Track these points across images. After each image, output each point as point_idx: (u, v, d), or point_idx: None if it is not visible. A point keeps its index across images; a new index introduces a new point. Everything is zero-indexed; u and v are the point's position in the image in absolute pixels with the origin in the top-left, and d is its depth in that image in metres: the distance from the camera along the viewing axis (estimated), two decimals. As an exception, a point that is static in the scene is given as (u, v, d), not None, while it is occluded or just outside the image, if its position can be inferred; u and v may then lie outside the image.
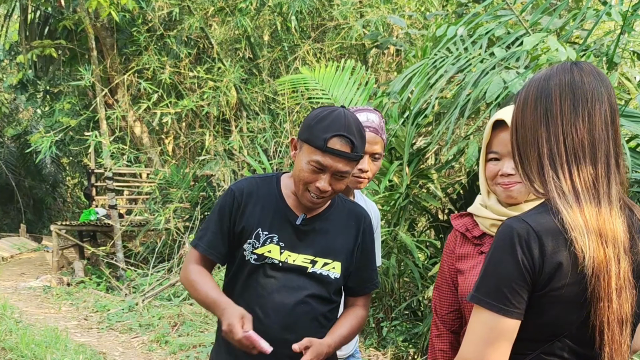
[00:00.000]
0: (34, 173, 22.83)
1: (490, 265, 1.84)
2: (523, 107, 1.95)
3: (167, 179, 12.09)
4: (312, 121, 2.61)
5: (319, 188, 2.60)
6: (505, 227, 1.84)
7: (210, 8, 11.91)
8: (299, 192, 2.66)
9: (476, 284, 1.86)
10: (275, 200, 2.74)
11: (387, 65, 11.59)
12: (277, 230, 2.70)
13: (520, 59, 5.17)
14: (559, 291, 1.79)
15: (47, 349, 7.05)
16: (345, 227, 2.81)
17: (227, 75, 11.37)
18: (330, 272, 2.74)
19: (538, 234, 1.79)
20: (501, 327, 1.80)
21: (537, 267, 1.79)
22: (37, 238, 19.69)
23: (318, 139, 2.56)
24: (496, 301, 1.80)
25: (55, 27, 13.83)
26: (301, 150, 2.64)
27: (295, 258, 2.69)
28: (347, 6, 10.74)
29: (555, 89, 1.90)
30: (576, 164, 1.86)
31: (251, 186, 2.76)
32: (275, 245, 2.68)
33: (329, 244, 2.75)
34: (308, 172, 2.60)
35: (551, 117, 1.89)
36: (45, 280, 12.11)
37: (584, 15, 5.06)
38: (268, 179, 2.81)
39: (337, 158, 2.57)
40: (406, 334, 6.91)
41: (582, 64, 1.95)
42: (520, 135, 1.95)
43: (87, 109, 13.31)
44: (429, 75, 5.57)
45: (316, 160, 2.57)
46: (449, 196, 7.19)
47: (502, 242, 1.82)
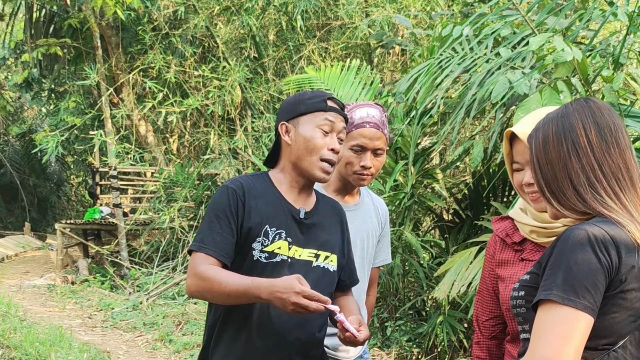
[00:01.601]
0: (38, 171, 22.85)
1: (565, 263, 1.81)
2: (544, 145, 1.99)
3: (172, 178, 12.09)
4: (298, 98, 2.74)
5: (333, 149, 2.66)
6: (577, 230, 1.84)
7: (215, 7, 11.91)
8: (311, 166, 2.66)
9: (548, 284, 1.83)
10: (273, 194, 2.71)
11: (392, 65, 11.58)
12: (284, 225, 2.67)
13: (526, 59, 5.16)
14: (629, 294, 1.82)
15: (51, 348, 7.06)
16: (333, 220, 2.84)
17: (232, 75, 11.37)
18: (330, 265, 2.74)
19: (613, 237, 1.82)
20: (579, 324, 1.78)
21: (614, 269, 1.81)
22: (41, 236, 19.71)
23: (317, 103, 2.69)
24: (577, 297, 1.78)
25: (61, 25, 13.85)
26: (299, 125, 2.69)
27: (302, 253, 2.68)
28: (353, 6, 10.73)
29: (578, 123, 1.96)
30: (619, 186, 1.92)
31: (247, 183, 2.69)
32: (284, 241, 2.65)
33: (327, 237, 2.76)
34: (318, 137, 2.65)
35: (580, 148, 1.93)
36: (50, 279, 12.13)
37: (590, 15, 5.04)
38: (259, 176, 2.78)
39: (338, 115, 2.70)
40: (410, 333, 6.90)
41: (594, 99, 2.02)
42: (548, 173, 1.98)
43: (92, 108, 13.32)
44: (435, 75, 5.56)
45: (324, 118, 2.67)
46: (454, 196, 7.18)
47: (577, 244, 1.82)
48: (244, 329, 2.64)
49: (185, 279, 9.01)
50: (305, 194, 2.76)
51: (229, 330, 2.67)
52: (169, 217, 11.21)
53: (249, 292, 2.43)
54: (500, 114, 5.26)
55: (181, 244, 11.23)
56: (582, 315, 1.77)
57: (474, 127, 7.65)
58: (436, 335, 6.41)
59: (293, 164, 2.70)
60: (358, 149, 3.09)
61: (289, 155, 2.70)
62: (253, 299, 2.45)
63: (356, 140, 3.08)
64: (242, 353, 2.64)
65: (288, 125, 2.71)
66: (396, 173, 6.17)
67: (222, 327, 2.69)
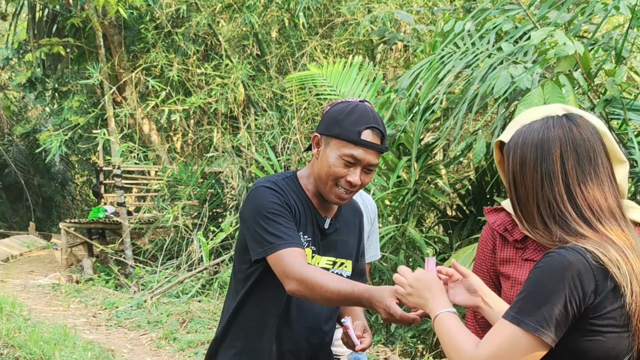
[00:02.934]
0: (43, 171, 22.87)
1: (535, 288, 1.82)
2: (521, 166, 1.96)
3: (176, 176, 12.10)
4: (339, 115, 2.57)
5: (350, 182, 2.57)
6: (557, 255, 1.83)
7: (217, 5, 11.90)
8: (327, 189, 2.60)
9: (514, 303, 1.85)
10: (305, 202, 2.68)
11: (394, 61, 11.56)
12: (311, 234, 2.66)
13: (528, 53, 5.16)
14: (614, 312, 1.80)
15: (55, 346, 7.06)
16: (352, 224, 2.83)
17: (235, 72, 11.36)
18: (344, 270, 2.75)
19: (591, 264, 1.79)
20: (526, 346, 1.80)
21: (589, 298, 1.79)
22: (46, 236, 19.72)
23: (351, 132, 2.53)
24: (532, 322, 1.79)
25: (63, 25, 13.84)
26: (328, 145, 2.58)
27: (320, 260, 2.68)
28: (355, 2, 10.71)
29: (556, 151, 1.91)
30: (595, 217, 1.88)
31: (281, 186, 2.64)
32: (309, 249, 2.64)
33: (345, 245, 2.77)
34: (340, 166, 2.55)
35: (554, 178, 1.90)
36: (54, 278, 12.14)
37: (592, 9, 5.03)
38: (289, 178, 2.71)
39: (369, 150, 2.55)
40: (414, 330, 6.90)
41: (574, 117, 1.97)
42: (521, 194, 1.96)
43: (95, 107, 13.33)
44: (437, 71, 5.55)
45: (349, 153, 2.53)
46: (457, 192, 7.18)
47: (552, 270, 1.80)
48: (260, 333, 2.66)
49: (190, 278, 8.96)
50: (327, 203, 2.72)
51: (244, 333, 2.69)
52: (173, 216, 11.22)
53: (350, 297, 2.39)
54: (502, 108, 5.26)
55: (185, 242, 11.23)
56: (531, 339, 1.79)
57: (476, 122, 7.64)
58: (440, 332, 6.40)
59: (315, 176, 2.65)
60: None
61: (314, 166, 2.66)
62: (356, 302, 2.43)
63: None
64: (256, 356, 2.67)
65: (320, 138, 2.63)
66: (399, 169, 6.17)
67: (238, 326, 2.70)
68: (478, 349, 1.86)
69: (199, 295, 9.81)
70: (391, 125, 6.23)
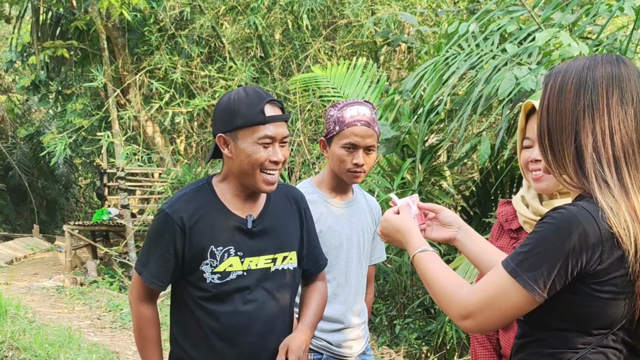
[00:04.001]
0: (46, 174, 22.92)
1: (539, 243, 1.77)
2: (559, 92, 1.86)
3: (179, 179, 12.09)
4: (231, 106, 2.54)
5: (275, 161, 2.53)
6: (567, 212, 1.77)
7: (221, 7, 11.93)
8: (254, 179, 2.55)
9: (515, 253, 1.81)
10: (217, 208, 2.62)
11: (398, 63, 11.57)
12: (230, 241, 2.59)
13: (532, 54, 5.15)
14: (617, 286, 1.76)
15: (60, 349, 7.06)
16: (290, 213, 2.76)
17: (239, 74, 11.37)
18: (290, 263, 2.70)
19: (600, 226, 1.74)
20: (519, 300, 1.78)
21: (594, 259, 1.74)
22: (50, 238, 19.77)
23: (254, 115, 2.50)
24: (529, 278, 1.76)
25: (67, 27, 13.87)
26: (237, 139, 2.52)
27: (257, 261, 2.62)
28: (359, 4, 10.72)
29: (602, 81, 1.82)
30: (625, 160, 1.80)
31: (186, 203, 2.61)
32: (235, 257, 2.58)
33: (282, 237, 2.69)
34: (260, 151, 2.50)
35: (596, 109, 1.81)
36: (59, 280, 12.15)
37: (596, 10, 5.03)
38: (200, 188, 2.67)
39: (278, 123, 2.53)
40: (419, 331, 6.89)
41: (625, 59, 1.88)
42: (554, 122, 1.86)
43: (99, 110, 13.33)
44: (441, 73, 5.56)
45: (263, 135, 2.50)
46: (462, 193, 7.17)
47: (560, 227, 1.75)
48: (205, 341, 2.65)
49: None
50: (252, 200, 2.67)
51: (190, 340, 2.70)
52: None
53: None
54: (507, 110, 5.25)
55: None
56: (524, 294, 1.77)
57: (480, 123, 7.64)
58: (445, 333, 6.40)
59: (236, 176, 2.60)
60: (350, 147, 3.09)
61: (231, 166, 2.60)
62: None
63: (348, 138, 3.08)
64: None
65: (226, 137, 2.56)
66: (404, 171, 6.16)
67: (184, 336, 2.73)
68: (469, 294, 1.85)
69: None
70: (395, 126, 6.23)
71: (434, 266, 1.98)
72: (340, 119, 3.09)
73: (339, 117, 3.09)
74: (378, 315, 7.15)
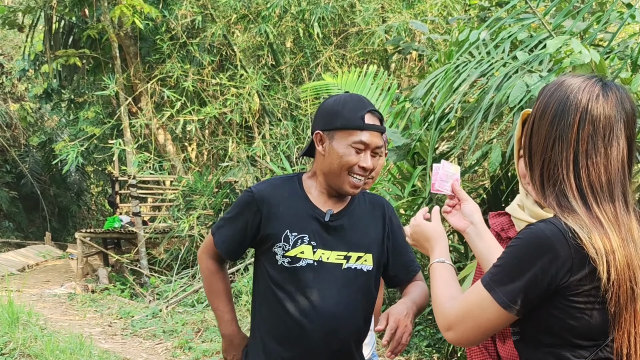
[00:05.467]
0: (58, 181, 23.01)
1: (511, 259, 1.81)
2: (540, 116, 1.90)
3: (191, 186, 12.13)
4: (336, 107, 2.65)
5: (364, 167, 2.63)
6: (535, 227, 1.81)
7: (232, 15, 11.96)
8: (341, 180, 2.65)
9: (493, 269, 1.84)
10: (300, 199, 2.72)
11: (409, 71, 11.57)
12: (306, 229, 2.68)
13: (543, 62, 5.14)
14: (595, 298, 1.77)
15: (71, 356, 7.08)
16: (372, 217, 2.81)
17: (250, 82, 11.40)
18: (364, 265, 2.73)
19: (567, 239, 1.75)
20: (493, 314, 1.81)
21: (563, 272, 1.75)
22: (62, 246, 19.82)
23: (354, 120, 2.61)
24: (502, 292, 1.79)
25: (79, 36, 13.94)
26: (333, 139, 2.63)
27: (329, 255, 2.68)
28: (370, 12, 10.73)
29: (576, 114, 1.83)
30: (593, 195, 1.82)
31: (273, 187, 2.74)
32: (307, 245, 2.66)
33: (359, 237, 2.74)
34: (351, 155, 2.61)
35: (565, 140, 1.83)
36: (70, 288, 12.19)
37: (608, 17, 5.02)
38: (290, 179, 2.80)
39: (374, 133, 2.63)
40: (430, 339, 6.88)
41: (613, 87, 1.88)
42: (534, 142, 1.90)
43: (111, 118, 13.40)
44: (452, 80, 5.55)
45: (358, 140, 2.60)
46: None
47: (529, 242, 1.79)
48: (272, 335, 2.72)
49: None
50: (336, 198, 2.75)
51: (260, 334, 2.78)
52: (188, 225, 11.24)
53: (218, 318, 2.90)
54: (517, 117, 5.24)
55: (200, 252, 11.23)
56: (498, 309, 1.79)
57: (491, 131, 7.62)
58: (456, 341, 6.38)
59: (324, 174, 2.69)
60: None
61: (321, 164, 2.70)
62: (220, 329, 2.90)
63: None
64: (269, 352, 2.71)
65: (323, 135, 2.67)
66: (414, 178, 6.16)
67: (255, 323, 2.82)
68: (451, 305, 1.89)
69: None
70: (406, 134, 6.23)
71: (441, 277, 2.02)
72: None
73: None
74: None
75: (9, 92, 21.92)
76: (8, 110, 21.84)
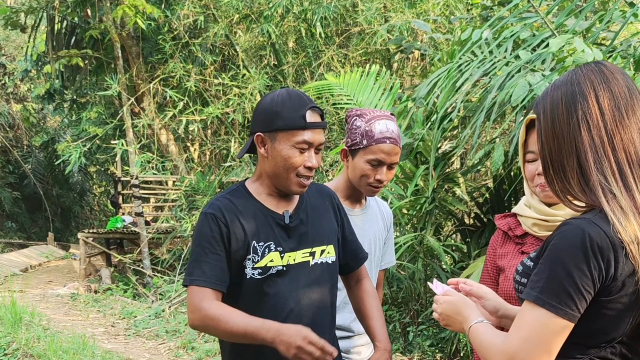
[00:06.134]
0: (61, 182, 23.03)
1: (555, 264, 1.74)
2: (552, 117, 1.83)
3: (193, 186, 12.12)
4: (274, 107, 2.56)
5: (310, 167, 2.58)
6: (574, 229, 1.73)
7: (235, 15, 11.95)
8: (288, 182, 2.60)
9: (534, 281, 1.77)
10: (254, 207, 2.65)
11: (411, 70, 11.57)
12: (270, 236, 2.62)
13: (546, 61, 5.14)
14: (625, 298, 1.74)
15: (74, 356, 7.09)
16: (324, 208, 2.80)
17: (252, 82, 11.40)
18: (328, 257, 2.72)
19: (611, 240, 1.70)
20: (555, 328, 1.73)
21: (609, 275, 1.71)
22: (64, 246, 19.84)
23: (295, 119, 2.53)
24: (559, 303, 1.72)
25: (82, 36, 13.94)
26: (275, 140, 2.56)
27: (295, 256, 2.64)
28: (372, 11, 10.73)
29: (590, 90, 1.78)
30: (629, 162, 1.76)
31: (225, 203, 2.63)
32: (275, 252, 2.61)
33: (318, 230, 2.72)
34: (296, 155, 2.55)
35: (590, 119, 1.76)
36: (73, 288, 12.20)
37: (610, 16, 5.01)
38: (236, 190, 2.71)
39: (316, 130, 2.58)
40: (433, 338, 6.87)
41: (604, 62, 1.85)
42: (554, 149, 1.82)
43: (113, 118, 13.40)
44: (455, 79, 5.54)
45: (301, 140, 2.54)
46: (475, 200, 7.15)
47: (571, 246, 1.72)
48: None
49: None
50: (286, 198, 2.71)
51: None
52: (191, 225, 11.24)
53: (256, 333, 2.42)
54: (520, 117, 5.24)
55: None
56: (560, 321, 1.72)
57: (494, 130, 7.62)
58: (459, 340, 6.38)
59: (269, 176, 2.64)
60: (376, 164, 3.07)
61: (266, 166, 2.63)
62: (259, 340, 2.43)
63: (375, 155, 3.06)
64: None
65: (264, 137, 2.59)
66: (417, 178, 6.15)
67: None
68: (507, 339, 1.79)
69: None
70: (408, 134, 6.23)
71: (485, 332, 1.91)
72: (369, 133, 3.06)
73: (368, 131, 3.06)
74: (391, 322, 7.13)
75: (12, 93, 21.93)
76: (11, 110, 21.86)
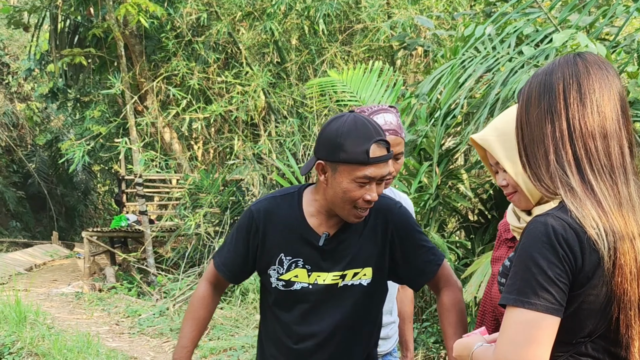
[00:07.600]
0: (65, 181, 23.05)
1: (525, 262, 1.73)
2: (527, 104, 1.87)
3: (197, 184, 12.12)
4: (338, 138, 2.45)
5: (369, 200, 2.48)
6: (537, 224, 1.74)
7: (238, 13, 11.95)
8: (345, 212, 2.52)
9: (509, 285, 1.76)
10: (296, 221, 2.62)
11: (414, 67, 11.55)
12: (300, 253, 2.60)
13: (549, 56, 5.12)
14: (596, 289, 1.72)
15: (79, 355, 7.09)
16: (371, 230, 2.66)
17: (255, 80, 11.39)
18: (362, 279, 2.64)
19: (575, 230, 1.71)
20: (542, 325, 1.70)
21: (579, 265, 1.70)
22: (69, 245, 19.86)
23: (358, 154, 2.41)
24: (537, 299, 1.70)
25: (85, 35, 13.93)
26: (336, 171, 2.47)
27: (325, 277, 2.60)
28: (375, 8, 10.71)
29: (559, 82, 1.80)
30: (588, 158, 1.76)
31: (271, 207, 2.65)
32: (302, 269, 2.60)
33: (355, 254, 2.63)
34: (355, 189, 2.45)
35: (555, 112, 1.79)
36: (77, 287, 12.20)
37: (614, 11, 4.99)
38: (289, 195, 2.68)
39: (380, 164, 2.46)
40: (437, 335, 6.86)
41: (585, 55, 1.86)
42: (527, 135, 1.86)
43: (117, 116, 13.40)
44: (458, 76, 5.53)
45: (362, 175, 2.43)
46: (479, 196, 7.14)
47: (536, 240, 1.72)
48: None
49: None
50: (335, 218, 2.62)
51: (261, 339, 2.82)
52: (195, 223, 11.23)
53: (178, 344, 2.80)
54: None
55: (207, 250, 11.25)
56: (544, 316, 1.70)
57: (498, 127, 7.59)
58: (463, 337, 6.37)
59: (327, 200, 2.56)
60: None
61: (325, 191, 2.55)
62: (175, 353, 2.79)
63: None
64: None
65: (325, 165, 2.50)
66: (421, 174, 6.15)
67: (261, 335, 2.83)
68: (497, 349, 1.77)
69: (221, 302, 9.81)
70: (412, 130, 6.22)
71: (484, 353, 1.89)
72: None
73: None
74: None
75: (15, 92, 21.95)
76: (14, 110, 21.88)
